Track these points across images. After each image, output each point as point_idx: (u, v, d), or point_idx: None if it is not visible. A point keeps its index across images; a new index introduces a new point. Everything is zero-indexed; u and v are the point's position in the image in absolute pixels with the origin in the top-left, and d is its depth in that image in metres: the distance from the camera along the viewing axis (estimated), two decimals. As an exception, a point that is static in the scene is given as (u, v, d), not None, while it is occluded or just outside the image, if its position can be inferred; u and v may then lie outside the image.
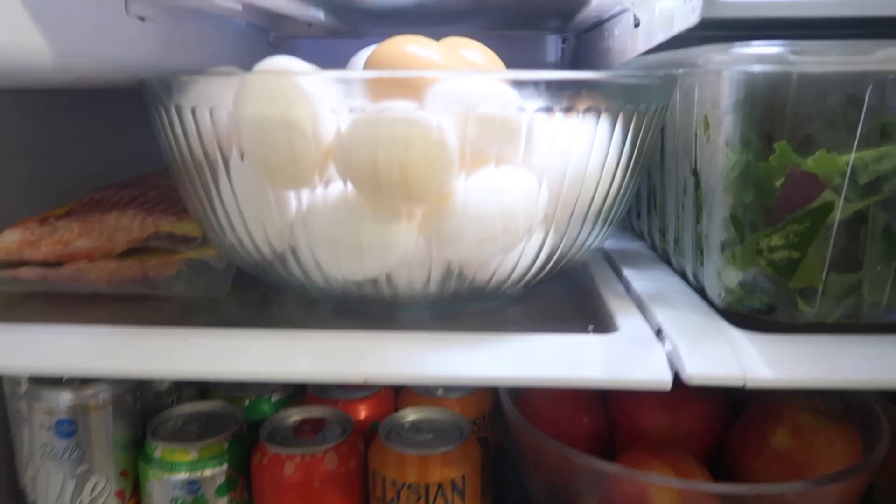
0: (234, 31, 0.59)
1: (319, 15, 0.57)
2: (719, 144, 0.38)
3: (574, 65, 0.79)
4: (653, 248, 0.56)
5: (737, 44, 0.35)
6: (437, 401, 0.55)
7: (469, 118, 0.34)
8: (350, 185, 0.34)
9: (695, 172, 0.42)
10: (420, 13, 0.65)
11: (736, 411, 0.53)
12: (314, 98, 0.32)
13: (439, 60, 0.41)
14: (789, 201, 0.37)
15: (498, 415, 0.56)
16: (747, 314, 0.40)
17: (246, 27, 0.62)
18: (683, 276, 0.48)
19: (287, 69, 0.34)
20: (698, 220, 0.42)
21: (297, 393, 0.57)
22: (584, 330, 0.40)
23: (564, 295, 0.47)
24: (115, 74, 0.44)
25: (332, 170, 0.35)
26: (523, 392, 0.54)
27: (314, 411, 0.53)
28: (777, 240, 0.37)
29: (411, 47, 0.41)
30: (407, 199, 0.34)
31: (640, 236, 0.59)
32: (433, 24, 0.77)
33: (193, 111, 0.35)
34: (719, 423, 0.53)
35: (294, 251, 0.37)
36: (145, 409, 0.52)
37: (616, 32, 0.57)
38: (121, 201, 0.50)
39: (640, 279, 0.48)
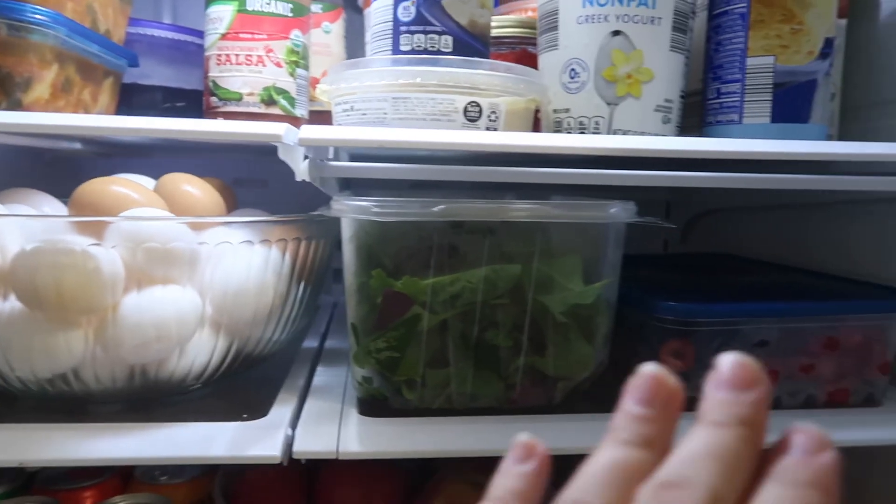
0: (3, 152, 0.67)
1: (75, 146, 0.66)
2: (344, 268, 0.50)
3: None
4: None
5: (346, 197, 0.47)
6: (158, 487, 0.61)
7: (136, 249, 0.44)
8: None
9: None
10: (168, 146, 0.69)
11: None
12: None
13: (137, 199, 0.51)
14: (389, 314, 0.48)
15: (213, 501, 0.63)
16: (374, 403, 0.50)
17: (17, 149, 0.69)
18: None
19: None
20: (351, 326, 0.53)
21: (27, 483, 0.61)
22: (243, 416, 0.49)
23: (252, 386, 0.56)
24: None
25: (7, 288, 0.43)
26: (239, 481, 0.62)
27: (39, 500, 0.58)
28: (380, 343, 0.48)
29: (113, 187, 0.51)
30: (65, 313, 0.43)
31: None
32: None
33: None
34: (406, 497, 0.62)
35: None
36: None
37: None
38: None
39: (325, 375, 0.58)
